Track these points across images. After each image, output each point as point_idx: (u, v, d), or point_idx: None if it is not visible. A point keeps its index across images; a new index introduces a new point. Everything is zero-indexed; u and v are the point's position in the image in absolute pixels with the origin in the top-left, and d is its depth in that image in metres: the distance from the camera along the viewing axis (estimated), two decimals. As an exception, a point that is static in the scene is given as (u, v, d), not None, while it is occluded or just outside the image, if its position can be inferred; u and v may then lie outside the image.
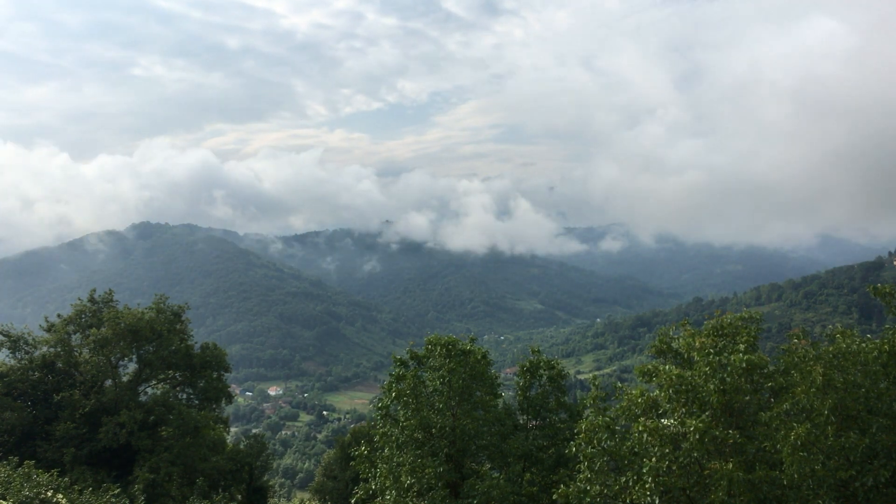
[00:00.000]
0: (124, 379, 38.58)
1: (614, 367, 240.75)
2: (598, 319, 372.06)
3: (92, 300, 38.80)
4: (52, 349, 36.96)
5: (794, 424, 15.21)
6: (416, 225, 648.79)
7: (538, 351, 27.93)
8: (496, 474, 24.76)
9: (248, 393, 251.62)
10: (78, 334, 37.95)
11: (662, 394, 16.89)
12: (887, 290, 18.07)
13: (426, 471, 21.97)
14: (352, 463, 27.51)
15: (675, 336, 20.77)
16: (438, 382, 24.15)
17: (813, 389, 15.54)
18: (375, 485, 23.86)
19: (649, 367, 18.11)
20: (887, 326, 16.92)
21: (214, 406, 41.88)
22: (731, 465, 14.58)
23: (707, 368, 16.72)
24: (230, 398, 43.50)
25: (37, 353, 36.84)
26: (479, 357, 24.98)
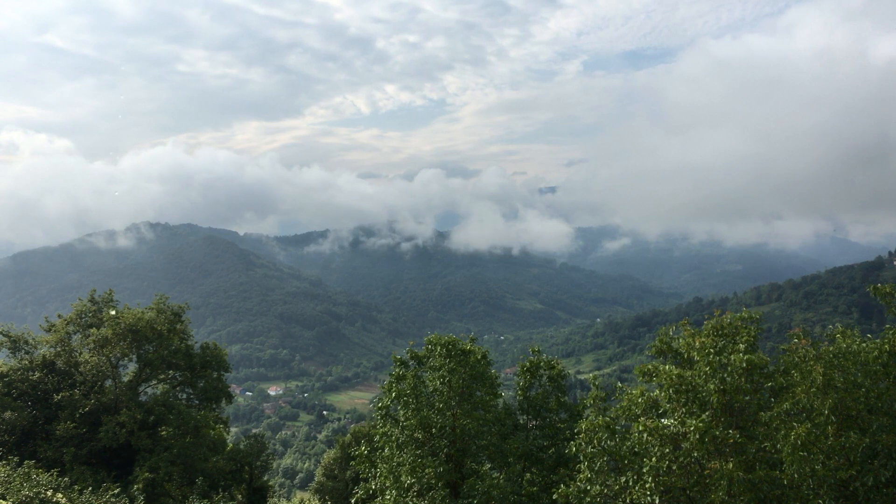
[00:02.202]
0: (124, 379, 38.57)
1: (614, 367, 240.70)
2: (598, 319, 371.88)
3: (92, 300, 38.79)
4: (52, 349, 36.95)
5: (795, 424, 15.21)
6: (417, 225, 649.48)
7: (538, 351, 27.91)
8: (496, 474, 24.77)
9: (248, 393, 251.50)
10: (78, 334, 37.93)
11: (662, 394, 16.89)
12: (887, 290, 18.05)
13: (426, 471, 21.97)
14: (352, 463, 27.53)
15: (675, 336, 20.74)
16: (438, 382, 24.14)
17: (813, 389, 15.54)
18: (375, 485, 23.87)
19: (649, 367, 18.09)
20: (887, 326, 16.90)
21: (214, 406, 41.87)
22: (731, 465, 14.57)
23: (707, 368, 16.71)
24: (230, 398, 43.47)
25: (37, 353, 36.82)
26: (479, 357, 24.98)
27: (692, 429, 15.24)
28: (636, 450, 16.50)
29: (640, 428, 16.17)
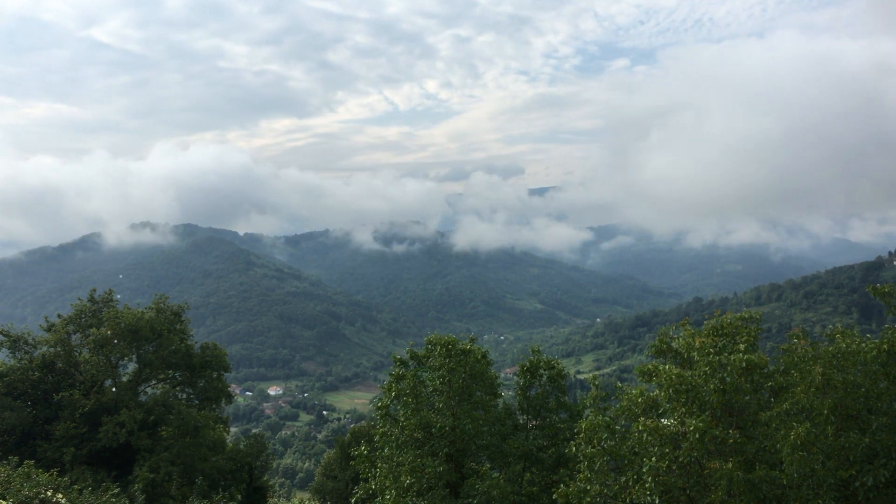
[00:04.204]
0: (124, 379, 38.58)
1: (614, 367, 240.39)
2: (598, 319, 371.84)
3: (92, 300, 38.79)
4: (52, 349, 36.95)
5: (794, 424, 15.19)
6: (418, 224, 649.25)
7: (538, 351, 27.88)
8: (496, 474, 24.76)
9: (248, 393, 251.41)
10: (78, 334, 37.94)
11: (662, 394, 16.88)
12: (887, 290, 18.05)
13: (426, 471, 21.97)
14: (352, 463, 27.52)
15: (675, 336, 20.75)
16: (438, 382, 24.14)
17: (813, 389, 15.53)
18: (375, 484, 23.85)
19: (649, 366, 18.08)
20: (887, 326, 16.89)
21: (214, 406, 41.88)
22: (730, 465, 14.56)
23: (707, 368, 16.71)
24: (230, 398, 43.48)
25: (37, 353, 36.83)
26: (479, 357, 24.97)
27: (692, 429, 15.23)
28: (636, 450, 16.50)
29: (640, 428, 16.17)
